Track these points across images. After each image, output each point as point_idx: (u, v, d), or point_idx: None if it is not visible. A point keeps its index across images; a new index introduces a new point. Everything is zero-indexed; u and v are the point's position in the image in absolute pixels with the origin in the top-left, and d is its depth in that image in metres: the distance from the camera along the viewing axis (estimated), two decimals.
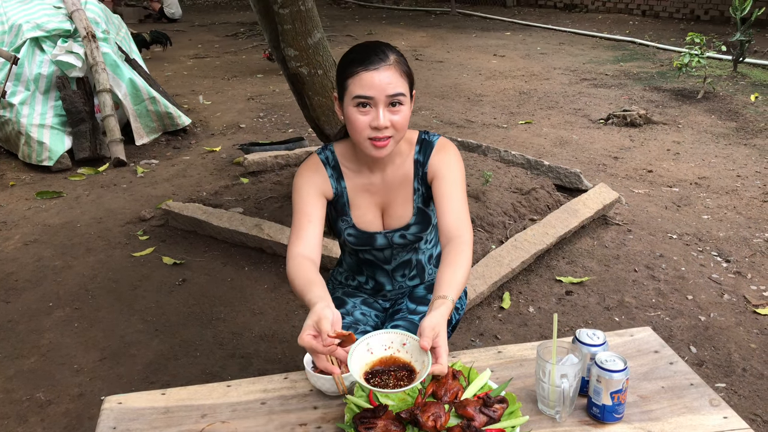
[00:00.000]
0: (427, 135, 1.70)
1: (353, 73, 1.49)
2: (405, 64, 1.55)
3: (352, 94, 1.50)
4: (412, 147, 1.69)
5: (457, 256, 1.49)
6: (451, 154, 1.67)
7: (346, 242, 1.76)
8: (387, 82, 1.48)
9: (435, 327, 1.28)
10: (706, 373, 2.45)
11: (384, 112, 1.50)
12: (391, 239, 1.73)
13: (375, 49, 1.51)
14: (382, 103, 1.49)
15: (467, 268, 1.50)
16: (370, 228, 1.72)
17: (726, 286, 3.07)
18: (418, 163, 1.68)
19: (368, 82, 1.48)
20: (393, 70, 1.49)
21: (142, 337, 2.80)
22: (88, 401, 2.40)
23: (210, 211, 3.72)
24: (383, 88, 1.48)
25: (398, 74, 1.50)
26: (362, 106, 1.50)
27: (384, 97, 1.48)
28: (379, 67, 1.48)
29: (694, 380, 1.42)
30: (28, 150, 4.88)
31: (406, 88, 1.52)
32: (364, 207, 1.70)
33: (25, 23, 5.02)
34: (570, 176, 4.06)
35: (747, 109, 5.91)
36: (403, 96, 1.51)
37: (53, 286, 3.24)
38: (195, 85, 7.59)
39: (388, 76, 1.48)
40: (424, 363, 1.23)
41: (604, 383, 1.28)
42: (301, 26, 3.10)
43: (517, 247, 3.19)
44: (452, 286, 1.42)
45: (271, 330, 2.83)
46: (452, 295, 1.40)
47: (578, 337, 1.38)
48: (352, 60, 1.51)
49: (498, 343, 2.69)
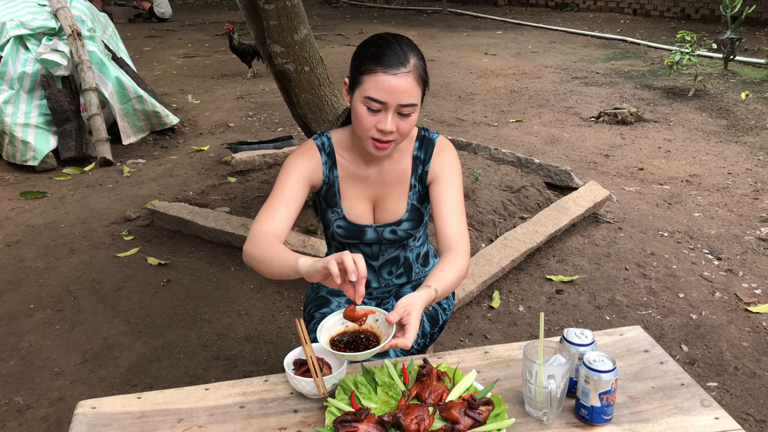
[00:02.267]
0: (426, 132, 1.67)
1: (371, 71, 1.43)
2: (423, 67, 1.49)
3: (365, 93, 1.45)
4: (411, 142, 1.66)
5: (453, 260, 1.52)
6: (451, 156, 1.66)
7: (334, 235, 1.72)
8: (403, 91, 1.43)
9: (408, 305, 1.32)
10: (698, 372, 2.42)
11: (393, 117, 1.46)
12: (381, 234, 1.69)
13: (397, 49, 1.44)
14: (393, 109, 1.45)
15: (460, 274, 1.52)
16: (360, 220, 1.68)
17: (717, 284, 3.04)
18: (418, 159, 1.65)
19: (384, 86, 1.42)
20: (411, 77, 1.44)
21: (124, 339, 2.75)
22: (68, 405, 2.34)
23: (196, 211, 3.67)
24: (398, 97, 1.43)
25: (415, 82, 1.45)
26: (372, 107, 1.45)
27: (396, 105, 1.44)
28: (398, 73, 1.42)
29: (684, 380, 1.39)
30: (12, 150, 4.81)
31: (420, 96, 1.49)
32: (355, 198, 1.66)
33: (9, 21, 4.94)
34: (560, 174, 4.03)
35: (738, 106, 5.90)
36: (415, 105, 1.47)
37: (35, 287, 3.18)
38: (184, 84, 7.52)
39: (405, 84, 1.43)
40: (388, 335, 1.29)
41: (592, 384, 1.24)
42: (287, 22, 3.06)
43: (507, 246, 3.16)
44: (441, 281, 1.45)
45: (257, 331, 2.78)
46: (438, 287, 1.43)
47: (566, 336, 1.34)
48: (372, 55, 1.44)
49: (487, 342, 2.66)
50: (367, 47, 1.48)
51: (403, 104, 1.44)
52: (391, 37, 1.48)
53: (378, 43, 1.46)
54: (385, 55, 1.43)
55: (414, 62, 1.45)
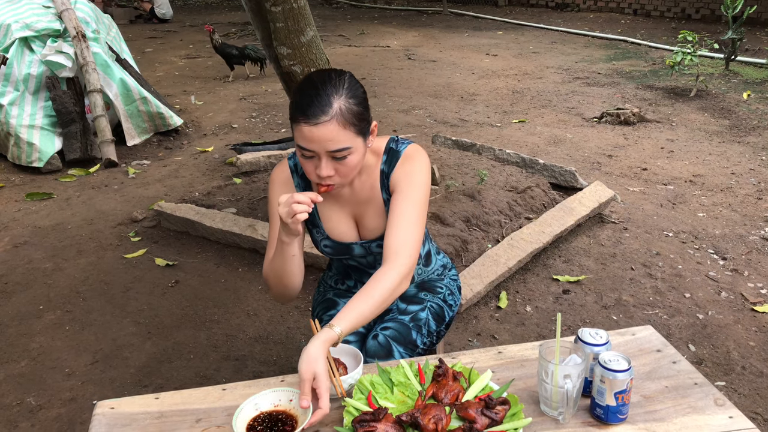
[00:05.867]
0: (395, 144, 1.62)
1: (295, 120, 1.42)
2: (353, 108, 1.42)
3: (297, 141, 1.44)
4: (379, 158, 1.62)
5: (377, 284, 1.44)
6: (416, 164, 1.58)
7: (323, 252, 1.73)
8: (327, 139, 1.39)
9: (310, 371, 1.27)
10: (706, 372, 2.43)
11: (327, 163, 1.44)
12: (369, 248, 1.69)
13: (320, 96, 1.39)
14: (325, 156, 1.43)
15: (383, 297, 1.44)
16: (345, 239, 1.68)
17: (723, 284, 3.05)
18: (383, 173, 1.61)
19: (308, 136, 1.40)
20: (334, 124, 1.39)
21: (134, 339, 2.76)
22: (79, 405, 2.36)
23: (203, 212, 3.68)
24: (323, 145, 1.40)
25: (340, 127, 1.39)
26: (306, 155, 1.45)
27: (325, 152, 1.42)
28: (318, 122, 1.38)
29: (698, 379, 1.40)
30: (18, 151, 4.82)
31: (352, 137, 1.43)
32: (335, 219, 1.66)
33: (14, 23, 4.95)
34: (565, 174, 4.04)
35: (740, 106, 5.92)
36: (347, 149, 1.43)
37: (43, 288, 3.19)
38: (186, 86, 7.54)
39: (327, 133, 1.39)
40: (306, 414, 1.26)
41: (608, 383, 1.25)
42: (293, 24, 3.07)
43: (513, 246, 3.17)
44: (349, 318, 1.39)
45: (266, 331, 2.79)
46: (343, 327, 1.37)
47: (581, 336, 1.36)
48: (296, 104, 1.42)
49: (496, 342, 2.67)
50: (295, 94, 1.46)
51: (330, 150, 1.41)
52: (317, 80, 1.43)
53: (303, 90, 1.43)
54: (306, 104, 1.40)
55: (337, 107, 1.39)
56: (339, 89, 1.42)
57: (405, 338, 1.67)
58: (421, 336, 1.71)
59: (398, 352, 1.64)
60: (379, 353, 1.63)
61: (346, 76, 1.47)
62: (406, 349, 1.66)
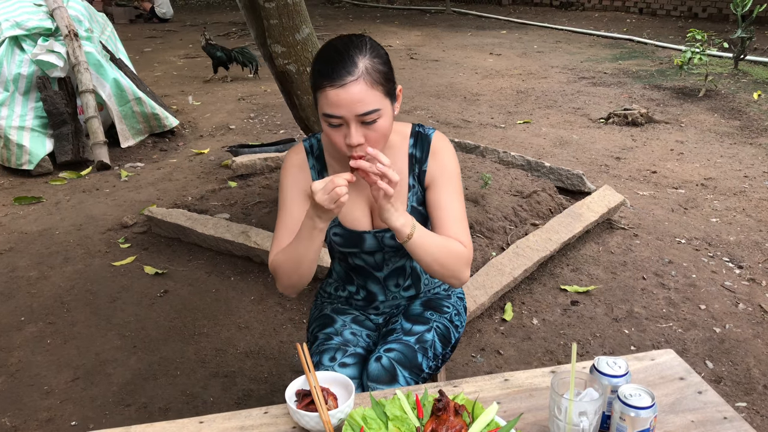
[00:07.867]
0: (421, 128, 1.56)
1: (320, 87, 1.33)
2: (378, 67, 1.36)
3: (322, 110, 1.35)
4: (406, 140, 1.55)
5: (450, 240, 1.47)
6: (449, 155, 1.56)
7: (333, 244, 1.61)
8: (356, 101, 1.31)
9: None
10: (725, 391, 2.28)
11: (357, 129, 1.34)
12: (382, 240, 1.57)
13: (341, 59, 1.32)
14: (354, 122, 1.33)
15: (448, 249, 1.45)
16: (357, 227, 1.57)
17: (740, 295, 2.90)
18: (414, 158, 1.54)
19: (335, 100, 1.31)
20: (362, 84, 1.31)
21: (118, 354, 2.62)
22: (57, 427, 2.22)
23: (194, 218, 3.53)
24: (352, 108, 1.31)
25: (369, 86, 1.32)
26: (333, 123, 1.35)
27: (354, 116, 1.33)
28: (345, 83, 1.30)
29: (727, 413, 1.25)
30: (7, 153, 4.68)
31: (381, 98, 1.35)
32: (350, 204, 1.54)
33: (4, 21, 4.82)
34: (572, 178, 3.88)
35: (750, 107, 5.76)
36: (376, 111, 1.34)
37: (26, 298, 3.05)
38: (185, 86, 7.40)
39: (356, 93, 1.31)
40: None
41: (629, 421, 1.10)
42: (288, 21, 2.93)
43: (518, 254, 3.02)
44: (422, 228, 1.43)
45: (257, 346, 2.64)
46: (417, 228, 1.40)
47: (597, 366, 1.21)
48: (318, 71, 1.34)
49: (500, 358, 2.52)
50: (315, 62, 1.37)
51: (360, 114, 1.32)
52: (339, 44, 1.36)
53: (323, 55, 1.36)
54: (329, 68, 1.32)
55: (363, 66, 1.33)
56: (362, 49, 1.36)
57: (410, 362, 1.54)
58: (426, 359, 1.58)
59: (403, 377, 1.51)
60: (382, 378, 1.49)
61: (366, 38, 1.40)
62: (411, 374, 1.53)
